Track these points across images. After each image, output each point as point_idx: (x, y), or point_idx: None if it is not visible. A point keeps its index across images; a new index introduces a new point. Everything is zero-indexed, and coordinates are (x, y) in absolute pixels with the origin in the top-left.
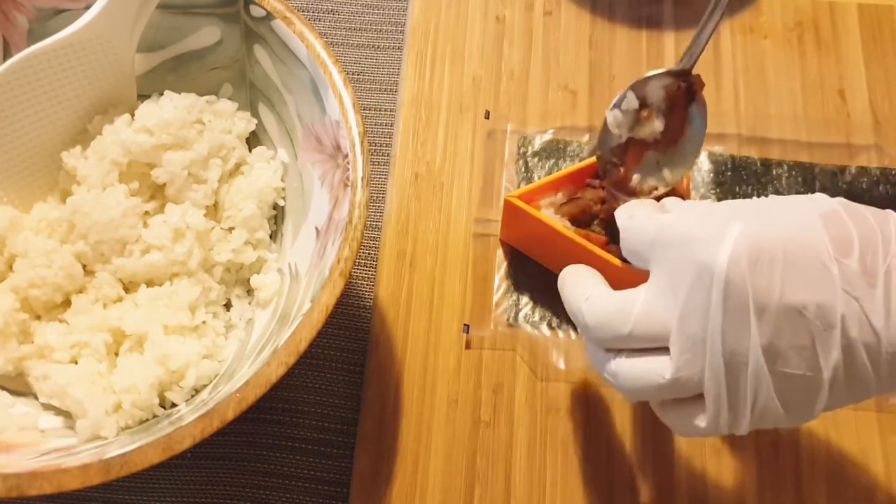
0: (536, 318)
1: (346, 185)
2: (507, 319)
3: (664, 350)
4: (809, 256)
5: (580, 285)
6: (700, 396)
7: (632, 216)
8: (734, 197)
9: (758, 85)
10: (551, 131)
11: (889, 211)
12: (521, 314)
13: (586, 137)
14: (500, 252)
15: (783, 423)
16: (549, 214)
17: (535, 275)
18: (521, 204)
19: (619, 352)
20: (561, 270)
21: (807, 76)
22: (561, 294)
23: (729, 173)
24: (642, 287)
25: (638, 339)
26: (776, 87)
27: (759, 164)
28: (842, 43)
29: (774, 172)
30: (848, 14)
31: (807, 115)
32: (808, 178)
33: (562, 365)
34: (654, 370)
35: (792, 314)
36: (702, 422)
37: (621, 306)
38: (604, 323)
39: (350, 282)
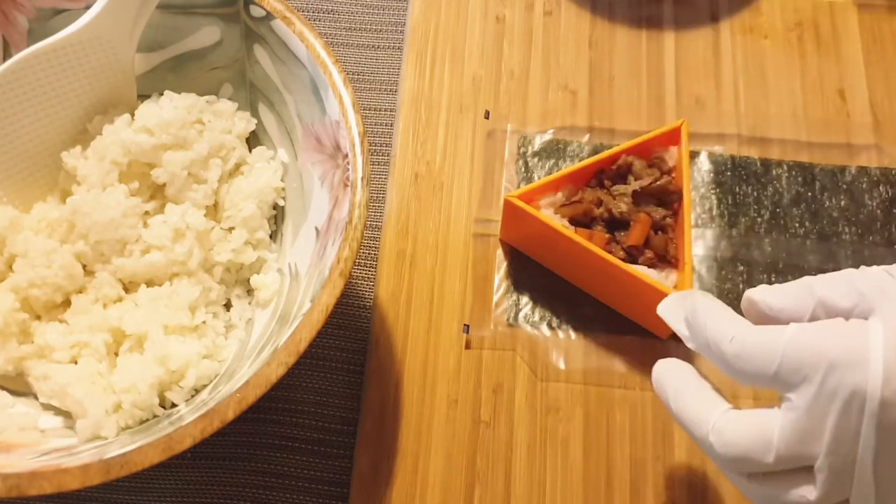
0: (536, 318)
1: (346, 185)
2: (507, 319)
3: (806, 469)
4: None
5: (693, 406)
6: None
7: (733, 338)
8: (734, 197)
9: (758, 85)
10: (551, 131)
11: None
12: (521, 314)
13: (586, 137)
14: (500, 252)
15: None
16: (549, 214)
17: (535, 275)
18: (522, 204)
19: (753, 474)
20: (557, 268)
21: (807, 76)
22: (661, 397)
23: (729, 173)
24: (775, 412)
25: (780, 465)
26: (776, 87)
27: (758, 164)
28: (842, 43)
29: (774, 172)
30: (848, 14)
31: (807, 115)
32: (808, 178)
33: (562, 365)
34: (797, 493)
35: None
36: None
37: (759, 435)
38: (742, 455)
39: (350, 282)
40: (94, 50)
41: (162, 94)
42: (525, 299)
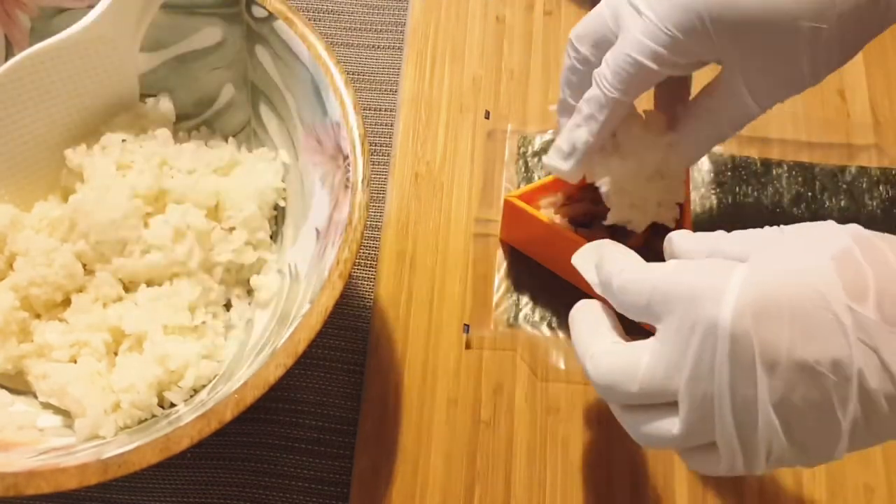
0: (536, 318)
1: (346, 187)
2: (508, 319)
3: (672, 405)
4: (820, 308)
5: (584, 336)
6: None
7: (622, 270)
8: (734, 197)
9: None
10: (551, 131)
11: None
12: (522, 314)
13: None
14: (500, 252)
15: (803, 465)
16: (549, 214)
17: (535, 275)
18: (522, 204)
19: (628, 405)
20: (557, 268)
21: None
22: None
23: (729, 173)
24: (646, 344)
25: (646, 397)
26: None
27: (759, 164)
28: None
29: (774, 172)
30: None
31: (807, 115)
32: (808, 178)
33: (562, 365)
34: (664, 427)
35: (804, 369)
36: (719, 467)
37: (626, 367)
38: (610, 384)
39: (350, 282)
40: (97, 50)
41: (164, 95)
42: (525, 299)
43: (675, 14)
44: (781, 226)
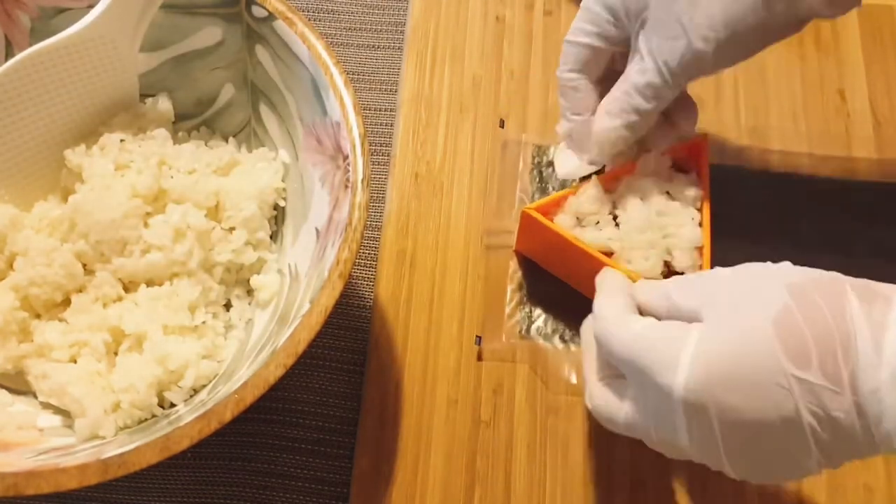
0: (549, 330)
1: (346, 187)
2: (520, 331)
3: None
4: (765, 376)
5: (588, 371)
6: None
7: (605, 318)
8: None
9: (758, 85)
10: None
11: (845, 287)
12: (534, 326)
13: None
14: (513, 263)
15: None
16: (569, 226)
17: (548, 287)
18: (539, 216)
19: None
20: (572, 281)
21: (807, 76)
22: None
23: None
24: (626, 396)
25: (632, 433)
26: (776, 87)
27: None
28: (842, 43)
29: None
30: (848, 14)
31: (807, 115)
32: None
33: (573, 379)
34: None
35: (759, 429)
36: None
37: (610, 414)
38: (601, 418)
39: (350, 282)
40: (97, 50)
41: (164, 94)
42: (538, 311)
43: None
44: (726, 271)
